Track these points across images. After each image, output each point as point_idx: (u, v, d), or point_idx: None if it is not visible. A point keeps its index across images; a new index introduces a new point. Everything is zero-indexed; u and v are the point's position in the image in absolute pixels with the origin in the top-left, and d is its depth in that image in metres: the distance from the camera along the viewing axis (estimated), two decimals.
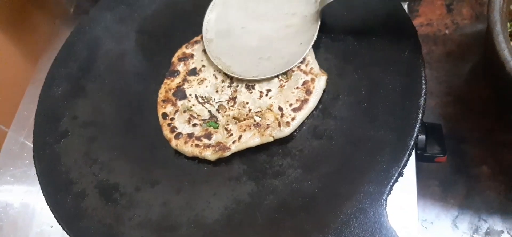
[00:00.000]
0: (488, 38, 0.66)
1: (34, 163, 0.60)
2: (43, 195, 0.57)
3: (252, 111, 0.58)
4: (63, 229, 0.54)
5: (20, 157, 0.85)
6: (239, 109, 0.58)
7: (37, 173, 0.59)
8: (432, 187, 0.73)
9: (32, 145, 0.86)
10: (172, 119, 0.59)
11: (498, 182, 0.72)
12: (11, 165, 0.84)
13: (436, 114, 0.79)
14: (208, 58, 0.63)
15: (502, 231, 0.68)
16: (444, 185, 0.73)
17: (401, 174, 0.47)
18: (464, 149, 0.75)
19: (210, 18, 0.66)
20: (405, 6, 0.67)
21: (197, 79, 0.62)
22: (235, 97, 0.59)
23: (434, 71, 0.82)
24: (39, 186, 0.80)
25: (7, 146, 0.86)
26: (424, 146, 0.64)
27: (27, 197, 0.80)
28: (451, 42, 0.85)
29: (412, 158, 0.64)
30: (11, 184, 0.82)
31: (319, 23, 0.59)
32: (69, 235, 0.53)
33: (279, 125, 0.55)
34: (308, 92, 0.56)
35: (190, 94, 0.61)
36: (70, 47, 0.68)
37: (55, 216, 0.55)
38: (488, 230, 0.69)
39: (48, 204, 0.56)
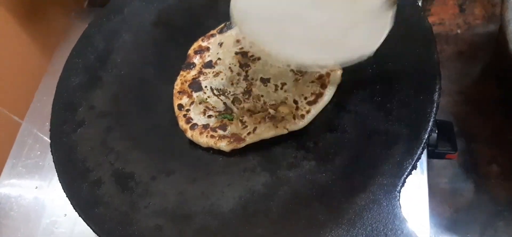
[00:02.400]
0: (501, 37, 0.67)
1: (51, 151, 0.61)
2: (60, 182, 0.58)
3: (267, 104, 0.58)
4: (80, 215, 0.54)
5: (33, 148, 0.86)
6: (254, 102, 0.59)
7: (53, 161, 0.60)
8: (441, 185, 0.74)
9: (45, 137, 0.88)
10: (187, 110, 0.60)
11: (508, 181, 0.72)
12: (24, 156, 0.86)
13: (447, 112, 0.79)
14: (224, 52, 0.64)
15: None
16: (454, 182, 0.74)
17: (414, 167, 0.48)
18: (474, 148, 0.76)
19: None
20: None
21: (213, 72, 0.63)
22: (250, 90, 0.60)
23: (445, 70, 0.82)
24: (52, 176, 0.82)
25: (21, 138, 0.87)
26: (435, 142, 0.65)
27: (39, 187, 0.82)
28: (463, 42, 0.85)
29: (424, 154, 0.64)
30: (23, 174, 0.84)
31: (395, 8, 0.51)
32: (86, 222, 0.54)
33: (294, 118, 0.55)
34: (323, 85, 0.57)
35: (206, 86, 0.62)
36: (87, 39, 0.69)
37: (71, 203, 0.56)
38: (497, 228, 0.69)
39: (64, 191, 0.57)
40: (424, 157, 0.64)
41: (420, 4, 0.65)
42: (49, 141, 0.87)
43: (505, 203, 0.71)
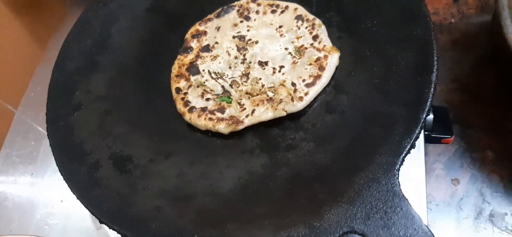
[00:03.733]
0: (495, 23, 0.68)
1: (48, 135, 0.60)
2: (57, 165, 0.57)
3: (265, 86, 0.58)
4: (78, 198, 0.54)
5: (27, 137, 0.86)
6: (252, 85, 0.59)
7: (50, 145, 0.59)
8: (437, 170, 0.74)
9: (39, 127, 0.87)
10: (185, 93, 0.60)
11: (503, 166, 0.73)
12: (18, 145, 0.85)
13: (442, 100, 0.80)
14: (221, 36, 0.64)
15: (506, 214, 0.70)
16: (449, 168, 0.74)
17: (413, 146, 0.48)
18: (469, 134, 0.77)
19: None
20: None
21: (210, 56, 0.63)
22: (248, 73, 0.60)
23: (439, 59, 0.83)
24: (46, 167, 0.82)
25: (15, 127, 0.87)
26: (432, 127, 0.65)
27: (34, 177, 0.81)
28: (457, 31, 0.86)
29: (421, 139, 0.65)
30: (17, 164, 0.83)
31: None
32: (83, 204, 0.53)
33: (292, 100, 0.55)
34: (321, 68, 0.57)
35: (203, 70, 0.62)
36: (83, 23, 0.68)
37: (69, 186, 0.55)
38: (492, 212, 0.70)
39: (62, 175, 0.56)
40: (421, 141, 0.65)
41: None
42: (43, 129, 0.87)
43: (501, 188, 0.72)
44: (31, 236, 0.70)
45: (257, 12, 0.65)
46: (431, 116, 0.65)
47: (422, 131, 0.61)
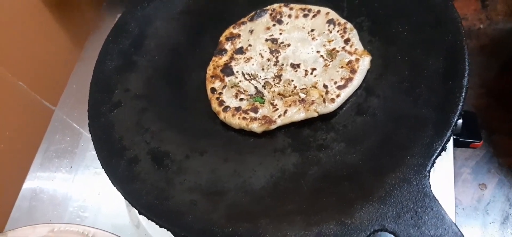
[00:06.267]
0: None
1: (89, 130, 0.63)
2: (99, 159, 0.60)
3: (297, 88, 0.60)
4: (118, 190, 0.57)
5: (64, 134, 0.90)
6: (284, 86, 0.61)
7: (92, 140, 0.62)
8: (464, 175, 0.75)
9: (74, 124, 0.91)
10: (220, 93, 0.62)
11: None
12: (55, 141, 0.89)
13: (469, 105, 0.81)
14: (254, 38, 0.67)
15: None
16: (477, 172, 0.75)
17: (444, 148, 0.49)
18: (496, 139, 0.77)
19: None
20: None
21: (244, 58, 0.65)
22: (281, 75, 0.62)
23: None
24: (80, 162, 0.85)
25: (53, 124, 0.91)
26: (460, 131, 0.66)
27: (69, 173, 0.85)
28: (485, 37, 0.86)
29: (450, 143, 0.65)
30: (54, 159, 0.87)
31: None
32: (124, 196, 0.56)
33: (324, 101, 0.57)
34: (353, 71, 0.58)
35: (237, 71, 0.64)
36: (122, 25, 0.72)
37: (110, 179, 0.58)
38: None
39: (103, 168, 0.59)
40: (450, 145, 0.65)
41: None
42: (79, 127, 0.90)
43: None
44: (69, 224, 0.73)
45: (289, 16, 0.67)
46: (460, 120, 0.65)
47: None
